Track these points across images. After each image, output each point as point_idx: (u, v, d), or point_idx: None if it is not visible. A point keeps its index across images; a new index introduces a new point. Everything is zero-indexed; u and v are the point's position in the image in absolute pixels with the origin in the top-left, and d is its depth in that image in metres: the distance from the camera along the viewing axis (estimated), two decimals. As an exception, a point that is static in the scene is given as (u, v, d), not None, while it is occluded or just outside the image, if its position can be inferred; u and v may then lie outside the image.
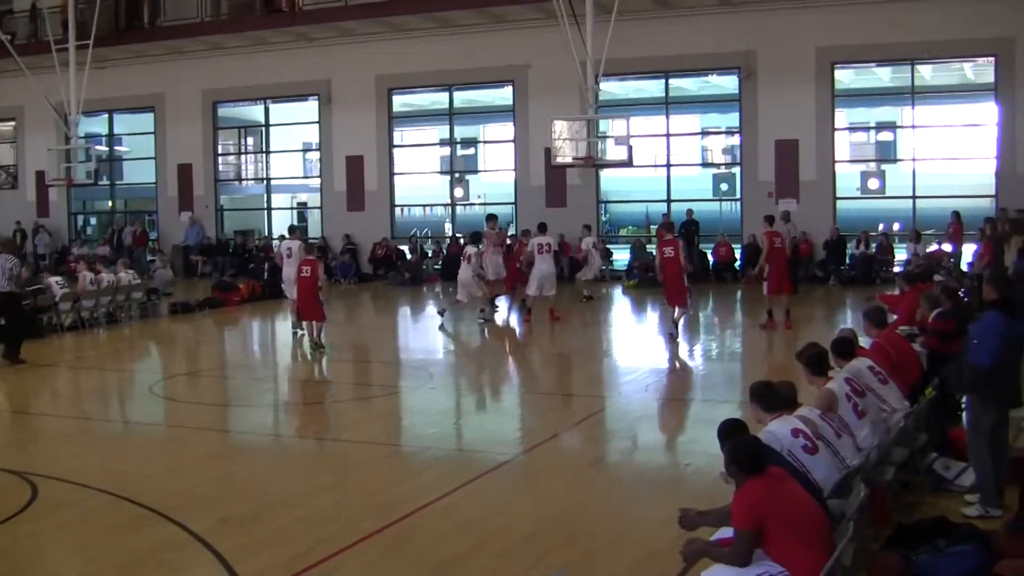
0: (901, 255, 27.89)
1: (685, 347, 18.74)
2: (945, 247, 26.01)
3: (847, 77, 30.92)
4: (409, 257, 32.42)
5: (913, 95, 29.17)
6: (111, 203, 40.21)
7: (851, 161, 31.50)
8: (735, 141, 31.26)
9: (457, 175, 35.45)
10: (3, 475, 10.44)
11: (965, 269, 22.61)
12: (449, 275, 30.15)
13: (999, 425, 8.90)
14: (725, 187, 31.64)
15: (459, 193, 35.20)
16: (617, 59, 25.10)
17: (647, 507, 9.26)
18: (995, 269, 16.17)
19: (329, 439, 12.84)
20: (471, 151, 38.97)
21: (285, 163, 38.28)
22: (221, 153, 37.57)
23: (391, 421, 13.79)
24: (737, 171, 30.59)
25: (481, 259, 21.44)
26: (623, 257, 31.64)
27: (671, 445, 12.45)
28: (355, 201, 33.56)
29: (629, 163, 25.40)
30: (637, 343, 20.51)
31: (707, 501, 7.49)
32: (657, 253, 20.02)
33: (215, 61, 34.52)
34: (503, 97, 32.96)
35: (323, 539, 8.38)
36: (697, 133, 36.24)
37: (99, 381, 17.35)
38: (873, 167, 31.44)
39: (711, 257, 29.60)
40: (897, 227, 30.21)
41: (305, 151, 38.29)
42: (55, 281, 22.37)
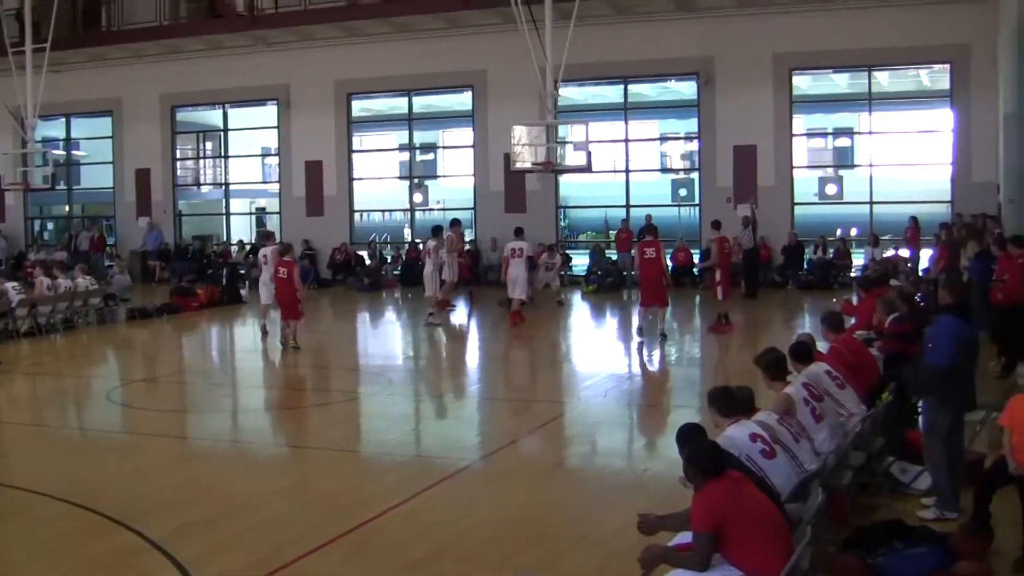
0: (859, 260, 28.11)
1: (646, 352, 18.81)
2: (902, 252, 26.22)
3: (805, 83, 31.21)
4: (368, 262, 32.36)
5: (870, 101, 29.39)
6: (68, 208, 39.67)
7: (809, 167, 31.63)
8: (694, 146, 31.40)
9: (416, 180, 35.37)
10: (-42, 483, 10.31)
11: (922, 274, 22.81)
12: (408, 280, 30.22)
13: (955, 428, 9.01)
14: (684, 192, 31.68)
15: (418, 198, 35.11)
16: (576, 64, 25.08)
17: (608, 510, 9.27)
18: (951, 274, 16.31)
19: (289, 444, 12.80)
20: (430, 156, 38.96)
21: (244, 168, 37.99)
22: (179, 158, 37.16)
23: (351, 427, 13.75)
24: (696, 176, 30.65)
25: (438, 254, 21.90)
26: (582, 262, 31.65)
27: (630, 450, 12.50)
28: (314, 206, 33.40)
29: (588, 168, 25.41)
30: (597, 348, 20.58)
31: (667, 506, 7.50)
32: (637, 254, 20.10)
33: (174, 65, 34.22)
34: (462, 102, 32.90)
35: (284, 544, 8.35)
36: (656, 139, 36.43)
37: (56, 387, 17.17)
38: (831, 172, 31.59)
39: (670, 262, 29.56)
40: (855, 232, 30.47)
41: (264, 156, 38.11)
42: (11, 286, 22.08)
